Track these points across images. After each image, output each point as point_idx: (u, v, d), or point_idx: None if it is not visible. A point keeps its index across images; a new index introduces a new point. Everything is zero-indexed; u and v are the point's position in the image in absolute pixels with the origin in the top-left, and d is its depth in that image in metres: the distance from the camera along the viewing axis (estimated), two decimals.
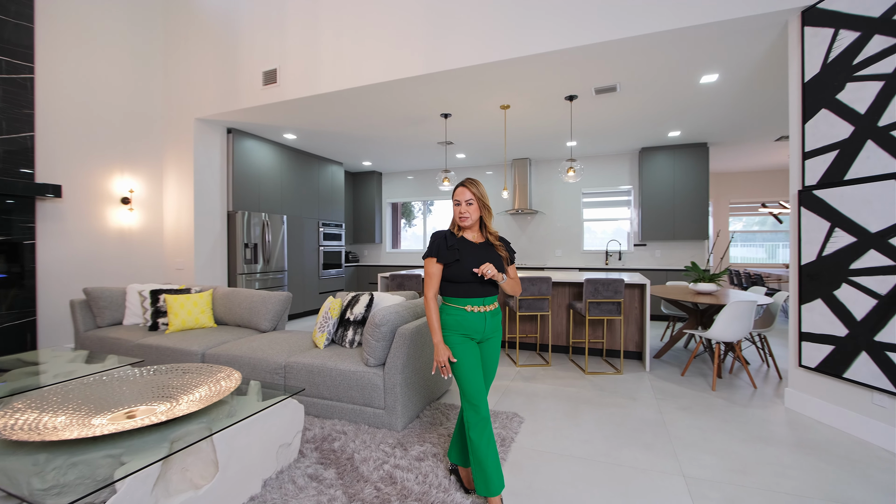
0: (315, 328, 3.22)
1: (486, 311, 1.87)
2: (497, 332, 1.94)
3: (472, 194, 1.87)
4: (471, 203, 1.87)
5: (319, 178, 7.16)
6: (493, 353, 1.95)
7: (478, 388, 1.79)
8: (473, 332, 1.85)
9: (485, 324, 1.87)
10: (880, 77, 2.41)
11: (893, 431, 2.36)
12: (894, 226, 2.35)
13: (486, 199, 1.90)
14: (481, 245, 1.92)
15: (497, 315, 1.93)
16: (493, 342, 1.94)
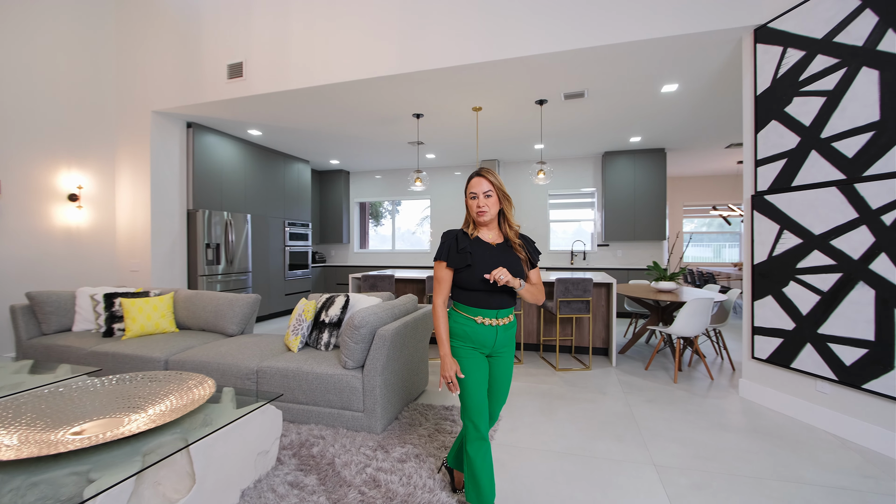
0: (287, 331, 3.13)
1: (498, 325, 1.66)
2: (509, 347, 1.73)
3: (490, 184, 1.64)
4: (489, 195, 1.64)
5: (285, 176, 6.95)
6: (504, 368, 1.73)
7: (479, 405, 1.63)
8: (482, 345, 1.67)
9: (496, 338, 1.67)
10: (823, 93, 2.64)
11: (835, 416, 2.59)
12: (835, 229, 2.58)
13: (505, 188, 1.69)
14: (499, 246, 1.69)
15: (511, 328, 1.72)
16: (503, 358, 1.72)
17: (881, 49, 2.35)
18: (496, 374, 1.73)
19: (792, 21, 2.81)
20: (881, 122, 2.36)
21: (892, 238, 2.29)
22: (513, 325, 1.73)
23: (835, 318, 2.58)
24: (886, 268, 2.32)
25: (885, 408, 2.36)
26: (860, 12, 2.44)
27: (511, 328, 1.72)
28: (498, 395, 1.75)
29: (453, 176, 8.20)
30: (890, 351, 2.31)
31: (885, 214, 2.33)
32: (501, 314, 1.67)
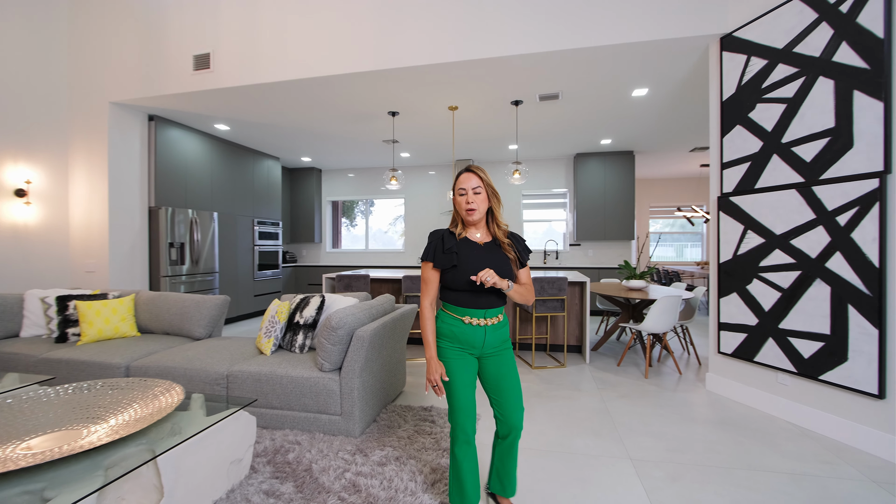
0: (259, 333, 3.02)
1: (486, 325, 1.63)
2: (504, 346, 1.69)
3: (479, 180, 1.62)
4: (478, 192, 1.61)
5: (254, 173, 6.72)
6: (503, 368, 1.67)
7: (466, 407, 1.61)
8: (470, 346, 1.64)
9: (484, 338, 1.63)
10: (783, 100, 2.79)
11: (794, 406, 2.74)
12: (794, 229, 2.72)
13: (494, 186, 1.66)
14: (486, 246, 1.66)
15: (501, 328, 1.68)
16: (498, 359, 1.67)
17: (836, 60, 2.49)
18: (495, 374, 1.67)
19: (755, 31, 2.95)
20: (836, 128, 2.50)
21: (846, 238, 2.44)
22: (503, 325, 1.69)
23: (794, 314, 2.73)
24: (841, 266, 2.47)
25: (839, 397, 2.51)
26: (817, 25, 2.59)
27: (501, 328, 1.68)
28: (505, 397, 1.66)
29: (427, 175, 8.17)
30: (844, 344, 2.46)
31: (840, 216, 2.47)
32: (490, 314, 1.64)
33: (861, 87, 2.37)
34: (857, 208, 2.39)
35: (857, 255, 2.39)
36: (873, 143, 2.33)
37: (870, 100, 2.34)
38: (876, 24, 2.31)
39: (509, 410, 1.66)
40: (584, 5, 3.37)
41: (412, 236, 8.30)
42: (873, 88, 2.32)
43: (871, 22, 2.32)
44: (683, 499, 1.93)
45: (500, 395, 1.67)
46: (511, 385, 1.67)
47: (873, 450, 2.32)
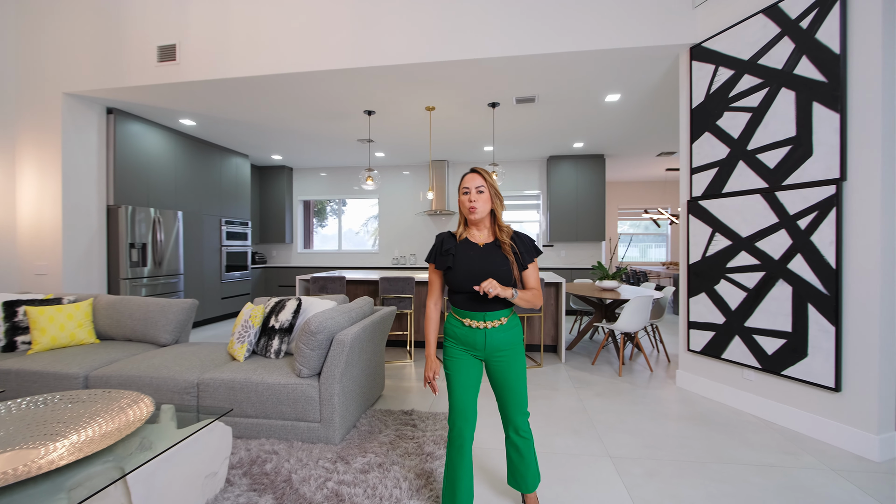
0: (231, 339, 2.90)
1: (485, 328, 1.64)
2: (511, 349, 1.67)
3: (483, 180, 1.65)
4: (481, 191, 1.64)
5: (222, 171, 6.46)
6: (507, 372, 1.67)
7: (463, 408, 1.64)
8: (472, 347, 1.66)
9: (485, 340, 1.64)
10: (749, 109, 2.93)
11: (759, 400, 2.88)
12: (759, 232, 2.86)
13: (498, 187, 1.69)
14: (485, 247, 1.67)
15: (506, 330, 1.66)
16: (504, 362, 1.67)
17: (797, 73, 2.64)
18: (499, 377, 1.69)
19: (723, 42, 3.08)
20: (797, 137, 2.65)
21: (806, 241, 2.59)
22: (508, 328, 1.67)
23: (759, 313, 2.87)
24: (801, 267, 2.62)
25: (800, 391, 2.66)
26: (780, 39, 2.73)
27: (506, 330, 1.66)
28: (508, 400, 1.69)
29: (402, 175, 8.10)
30: (804, 340, 2.61)
31: (801, 220, 2.62)
32: (489, 317, 1.64)
33: (820, 99, 2.52)
34: (816, 213, 2.54)
35: (816, 257, 2.54)
36: (830, 152, 2.48)
37: (827, 111, 2.49)
38: (833, 40, 2.46)
39: (511, 412, 1.71)
40: (563, 12, 3.43)
41: (386, 237, 8.21)
42: (831, 101, 2.47)
43: (828, 38, 2.47)
44: (662, 494, 1.99)
45: (503, 398, 1.72)
46: (513, 388, 1.69)
47: (831, 440, 2.47)
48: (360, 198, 8.39)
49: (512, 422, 1.73)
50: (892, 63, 2.32)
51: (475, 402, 1.68)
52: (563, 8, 3.43)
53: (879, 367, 2.31)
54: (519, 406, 1.71)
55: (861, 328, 2.38)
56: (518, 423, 1.72)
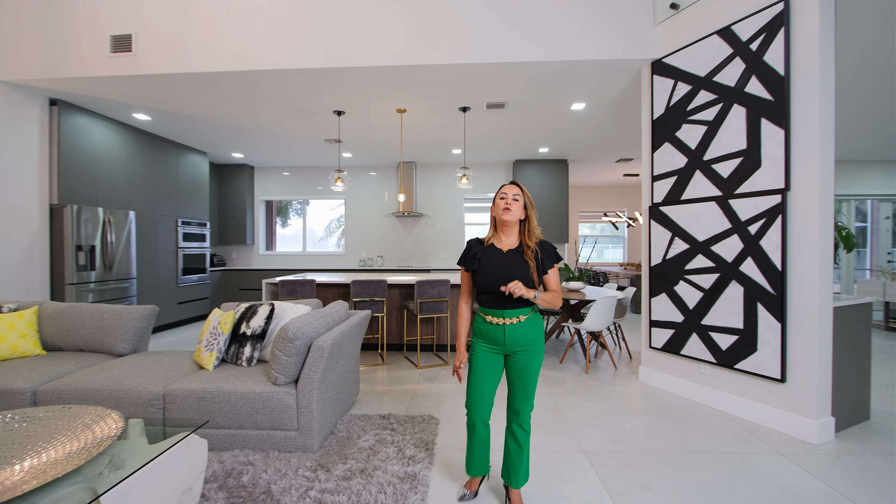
0: (199, 346, 2.77)
1: (504, 324, 1.80)
2: (531, 346, 1.81)
3: (520, 191, 1.85)
4: (517, 199, 1.83)
5: (178, 169, 6.12)
6: (523, 367, 1.82)
7: (477, 398, 1.86)
8: (493, 342, 1.84)
9: (504, 336, 1.80)
10: (705, 123, 3.15)
11: (714, 393, 3.11)
12: (714, 236, 3.09)
13: (532, 200, 1.89)
14: (509, 253, 1.84)
15: (525, 327, 1.80)
16: (521, 356, 1.82)
17: (747, 91, 2.87)
18: (516, 370, 1.84)
19: (682, 59, 3.30)
20: (747, 149, 2.89)
21: (756, 245, 2.83)
22: (526, 325, 1.81)
23: (714, 311, 3.09)
24: (752, 269, 2.85)
25: (750, 383, 2.89)
26: (732, 59, 2.96)
27: (524, 327, 1.81)
28: (517, 391, 1.85)
29: (368, 177, 8.02)
30: (754, 336, 2.84)
31: (751, 225, 2.86)
32: (508, 314, 1.81)
33: (767, 116, 2.76)
34: (764, 219, 2.78)
35: (764, 260, 2.78)
36: (777, 164, 2.72)
37: (774, 127, 2.73)
38: (778, 62, 2.70)
39: (520, 404, 1.86)
40: (536, 23, 3.54)
41: (353, 239, 8.09)
42: (777, 117, 2.71)
43: (774, 60, 2.72)
44: (635, 484, 2.11)
45: (515, 389, 1.87)
46: (527, 381, 1.84)
47: (778, 426, 2.71)
48: (324, 198, 8.21)
49: (518, 413, 1.86)
50: (827, 86, 2.58)
51: (491, 393, 1.88)
52: (535, 20, 3.54)
53: (818, 359, 2.57)
54: (527, 399, 1.85)
55: (802, 324, 2.63)
56: (523, 416, 1.86)
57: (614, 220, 8.94)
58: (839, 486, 2.10)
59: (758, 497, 2.01)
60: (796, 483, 2.13)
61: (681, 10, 3.30)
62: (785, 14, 2.66)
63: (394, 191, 7.98)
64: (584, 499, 2.00)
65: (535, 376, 1.84)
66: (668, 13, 3.38)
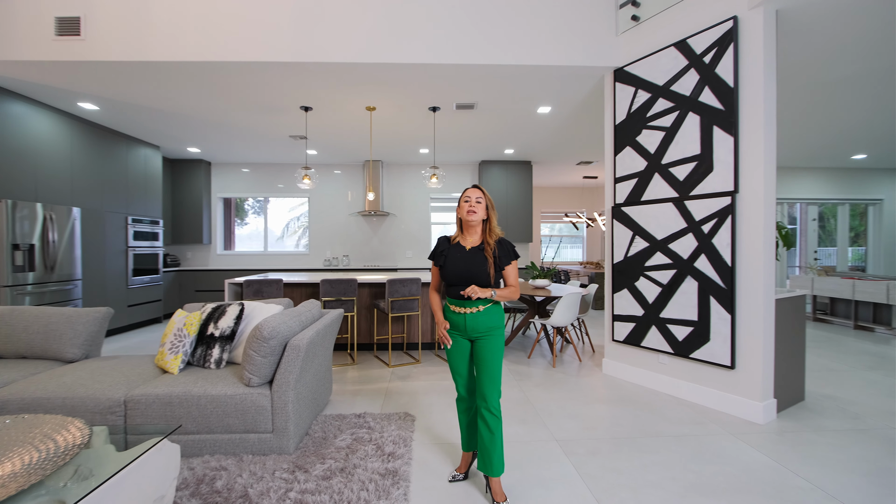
0: (161, 349, 2.64)
1: (465, 313, 1.98)
2: (490, 333, 1.98)
3: (482, 194, 2.04)
4: (479, 201, 2.02)
5: (128, 163, 5.75)
6: (483, 351, 1.98)
7: (456, 372, 2.08)
8: (458, 328, 2.02)
9: (465, 323, 1.99)
10: (663, 129, 3.36)
11: (672, 381, 3.32)
12: (671, 235, 3.31)
13: (493, 201, 2.07)
14: (471, 250, 2.02)
15: (483, 316, 1.97)
16: (482, 341, 1.99)
17: (701, 100, 3.10)
18: (478, 355, 2.00)
19: (642, 68, 3.50)
20: (701, 155, 3.11)
21: (709, 243, 3.06)
22: (485, 314, 1.97)
23: (671, 305, 3.31)
24: (705, 265, 3.08)
25: (704, 370, 3.12)
26: (687, 70, 3.19)
27: (482, 315, 1.97)
28: (482, 375, 1.98)
29: (333, 175, 7.88)
30: (707, 327, 3.08)
31: (704, 225, 3.09)
32: (467, 304, 1.98)
33: (719, 124, 3.00)
34: (716, 219, 3.01)
35: (716, 257, 3.01)
36: (727, 169, 2.96)
37: (724, 135, 2.97)
38: (728, 75, 2.93)
39: (486, 388, 1.96)
40: (507, 27, 3.64)
41: (317, 238, 7.91)
42: (727, 126, 2.95)
43: (725, 73, 2.95)
44: (605, 468, 2.23)
45: (480, 374, 1.99)
46: (489, 366, 1.97)
47: (729, 409, 2.95)
48: (285, 196, 7.98)
49: (486, 398, 1.96)
50: (770, 98, 2.84)
51: (467, 368, 2.07)
52: (506, 24, 3.64)
53: (763, 347, 2.82)
54: (492, 383, 1.96)
55: (749, 315, 2.87)
56: (490, 400, 1.95)
57: (575, 221, 9.29)
58: (782, 460, 2.32)
59: (714, 473, 2.19)
60: (746, 459, 2.33)
61: (641, 22, 3.50)
62: (734, 31, 2.90)
63: (358, 189, 7.89)
64: (560, 483, 2.10)
65: (496, 361, 1.97)
66: (629, 24, 3.58)
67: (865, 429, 2.71)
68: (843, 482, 2.11)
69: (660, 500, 1.96)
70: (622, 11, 3.63)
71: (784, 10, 2.86)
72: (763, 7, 2.80)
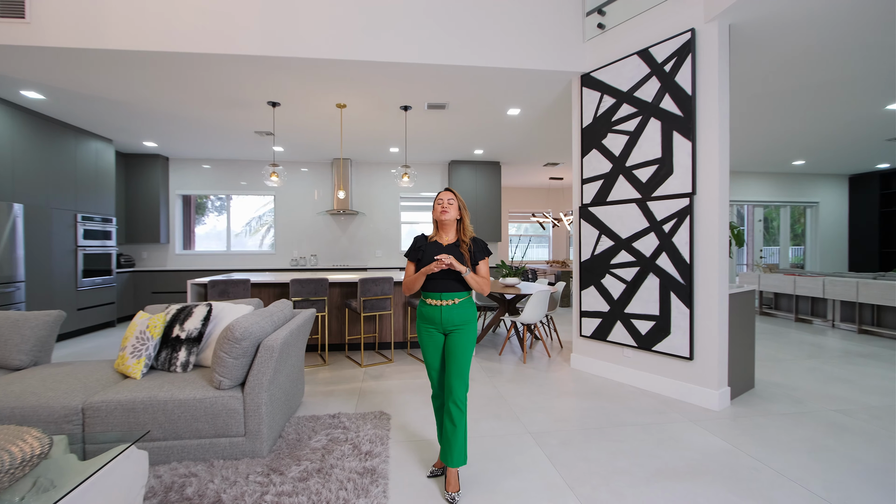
0: (122, 353, 2.51)
1: (441, 305, 2.05)
2: (463, 327, 2.05)
3: (453, 195, 2.15)
4: (451, 202, 2.13)
5: (77, 157, 5.38)
6: (455, 344, 2.04)
7: (431, 367, 2.12)
8: (432, 321, 2.07)
9: (441, 316, 2.04)
10: (627, 133, 3.53)
11: (636, 373, 3.49)
12: (635, 234, 3.47)
13: (464, 203, 2.20)
14: (448, 246, 2.11)
15: (458, 309, 2.05)
16: (455, 334, 2.05)
17: (662, 107, 3.28)
18: (450, 348, 2.06)
19: (607, 74, 3.66)
20: (662, 158, 3.29)
21: (669, 242, 3.24)
22: (460, 307, 2.06)
23: (635, 301, 3.48)
24: (666, 263, 3.26)
25: (665, 362, 3.30)
26: (649, 77, 3.36)
27: (457, 308, 2.06)
28: (451, 368, 2.03)
29: (300, 173, 7.70)
30: (668, 321, 3.26)
31: (665, 224, 3.26)
32: (444, 297, 2.06)
33: (678, 129, 3.18)
34: (676, 219, 3.19)
35: (676, 255, 3.19)
36: (685, 172, 3.14)
37: (683, 139, 3.15)
38: (687, 84, 3.12)
39: (454, 381, 2.02)
40: (478, 30, 3.70)
41: (283, 237, 7.71)
42: (686, 131, 3.13)
43: (684, 82, 3.13)
44: (578, 458, 2.33)
45: (449, 367, 2.05)
46: (459, 359, 2.03)
47: (688, 398, 3.14)
48: (249, 194, 7.72)
49: (453, 391, 2.01)
50: (724, 106, 3.04)
51: (440, 361, 2.10)
52: (478, 27, 3.70)
53: (718, 338, 3.02)
54: (460, 377, 2.02)
55: (706, 309, 3.07)
56: (457, 393, 2.01)
57: (541, 221, 9.52)
58: (736, 443, 2.50)
59: (677, 458, 2.33)
60: (704, 443, 2.50)
61: (607, 31, 3.65)
62: (692, 42, 3.08)
63: (326, 188, 7.75)
64: (534, 472, 2.17)
65: (466, 355, 2.04)
66: (595, 31, 3.73)
67: (807, 412, 2.96)
68: (789, 460, 2.30)
69: (628, 485, 2.07)
70: (589, 19, 3.78)
71: (736, 24, 3.07)
72: (718, 21, 2.99)
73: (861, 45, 3.39)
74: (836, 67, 3.80)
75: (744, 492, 2.01)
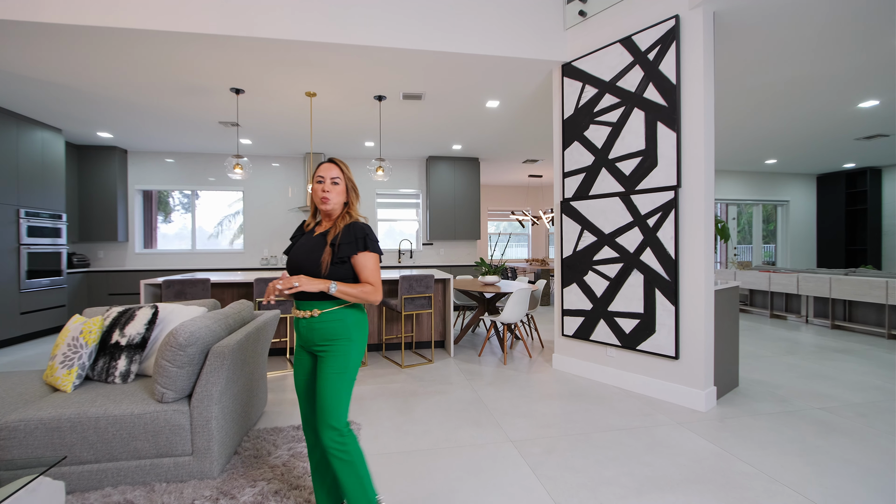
0: (51, 363, 2.21)
1: (303, 318, 1.53)
2: (329, 348, 1.49)
3: (340, 172, 1.59)
4: (336, 182, 1.58)
5: (20, 148, 4.93)
6: (319, 371, 1.50)
7: (301, 407, 1.64)
8: (300, 338, 1.58)
9: (307, 331, 1.53)
10: (610, 124, 3.40)
11: (620, 373, 3.37)
12: (618, 229, 3.35)
13: (355, 181, 1.65)
14: (317, 237, 1.59)
15: (322, 323, 1.50)
16: (321, 358, 1.51)
17: (646, 96, 3.16)
18: (317, 376, 1.51)
19: (589, 63, 3.52)
20: (646, 150, 3.17)
21: (654, 237, 3.12)
22: (324, 321, 1.50)
23: (619, 298, 3.35)
24: (650, 258, 3.14)
25: (650, 362, 3.18)
26: (632, 66, 3.23)
27: (322, 323, 1.50)
28: (315, 403, 1.52)
29: (271, 168, 7.36)
30: (652, 319, 3.14)
31: (649, 219, 3.14)
32: (303, 307, 1.52)
33: (662, 120, 3.06)
34: (660, 213, 3.08)
35: (661, 250, 3.07)
36: (670, 164, 3.03)
37: (668, 130, 3.03)
38: (671, 72, 3.00)
39: (317, 420, 1.48)
40: (454, 14, 3.50)
41: (253, 235, 7.34)
42: (670, 122, 3.02)
43: (668, 71, 3.02)
44: (562, 467, 2.16)
45: (314, 401, 1.56)
46: (321, 390, 1.47)
47: (674, 399, 3.02)
48: (217, 190, 7.32)
49: (318, 432, 1.53)
50: (709, 96, 2.94)
51: (305, 390, 1.61)
52: (454, 11, 3.50)
53: (704, 337, 2.91)
54: (322, 414, 1.44)
55: (691, 306, 2.96)
56: (323, 436, 1.43)
57: (521, 219, 9.42)
58: (726, 445, 2.38)
59: (667, 465, 2.18)
60: (694, 447, 2.37)
61: (588, 18, 3.52)
62: (676, 30, 2.97)
63: (299, 184, 7.42)
64: (518, 488, 1.98)
65: (333, 385, 1.45)
66: (576, 19, 3.59)
67: (793, 410, 2.89)
68: (781, 464, 2.19)
69: (619, 498, 1.90)
70: (570, 6, 3.63)
71: (720, 12, 2.97)
72: (703, 7, 2.88)
73: (836, 40, 3.35)
74: (812, 63, 3.78)
75: (740, 502, 1.88)
